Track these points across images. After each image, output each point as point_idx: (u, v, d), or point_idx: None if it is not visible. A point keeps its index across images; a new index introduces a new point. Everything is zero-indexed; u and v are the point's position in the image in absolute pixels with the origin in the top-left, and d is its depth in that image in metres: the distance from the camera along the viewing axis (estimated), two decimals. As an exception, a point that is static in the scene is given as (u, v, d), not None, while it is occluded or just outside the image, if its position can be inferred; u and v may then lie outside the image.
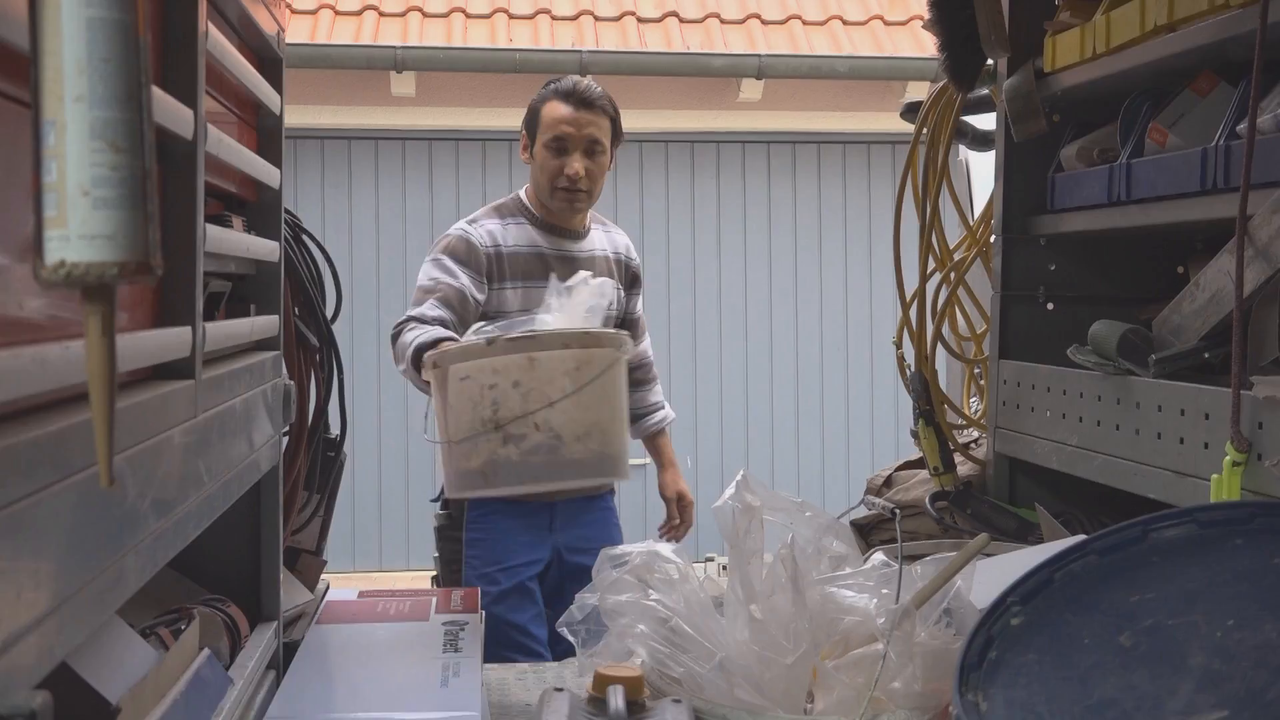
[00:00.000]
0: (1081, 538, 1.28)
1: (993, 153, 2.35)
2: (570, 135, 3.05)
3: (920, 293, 2.41)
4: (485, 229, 3.06)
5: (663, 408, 3.48)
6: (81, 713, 1.18)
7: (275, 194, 1.85)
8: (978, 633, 1.16)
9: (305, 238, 2.42)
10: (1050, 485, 2.15)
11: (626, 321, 3.30)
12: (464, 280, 2.95)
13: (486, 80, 7.74)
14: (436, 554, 3.17)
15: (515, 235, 3.08)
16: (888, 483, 2.43)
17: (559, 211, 3.10)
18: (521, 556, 3.06)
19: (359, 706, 1.68)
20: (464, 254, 2.99)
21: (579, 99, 3.07)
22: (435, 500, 3.17)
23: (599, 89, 3.13)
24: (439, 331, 2.71)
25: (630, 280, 3.32)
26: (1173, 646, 1.05)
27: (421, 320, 2.82)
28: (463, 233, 3.05)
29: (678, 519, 3.47)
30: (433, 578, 3.24)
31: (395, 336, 2.81)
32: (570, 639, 1.60)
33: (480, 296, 2.98)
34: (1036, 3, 2.17)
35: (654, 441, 3.48)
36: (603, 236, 3.27)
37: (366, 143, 8.00)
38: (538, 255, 3.07)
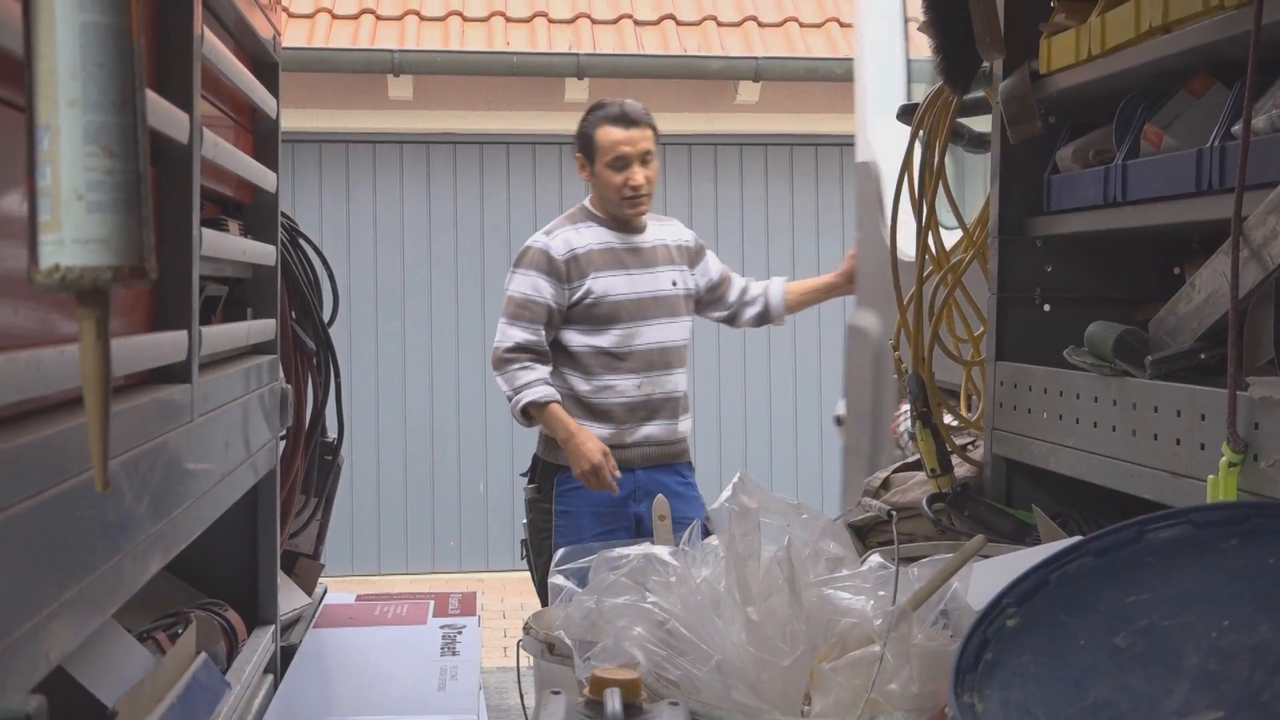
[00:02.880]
0: (1078, 539, 1.28)
1: (988, 154, 2.35)
2: (628, 153, 3.71)
3: (917, 294, 2.41)
4: (561, 238, 3.73)
5: (765, 286, 4.14)
6: (77, 717, 1.18)
7: (272, 198, 1.85)
8: (973, 634, 1.16)
9: (302, 241, 2.43)
10: (1047, 487, 2.15)
11: (716, 285, 3.99)
12: (547, 295, 3.66)
13: (484, 83, 7.74)
14: (525, 520, 3.88)
15: (589, 237, 3.74)
16: (885, 484, 2.43)
17: (627, 216, 3.76)
18: (600, 526, 3.65)
19: (357, 710, 1.68)
20: (545, 266, 3.68)
21: (628, 120, 3.74)
22: (524, 475, 3.94)
23: (640, 106, 3.79)
24: (547, 394, 3.62)
25: (694, 257, 3.96)
26: (1168, 647, 1.05)
27: (527, 353, 3.65)
28: (543, 246, 3.72)
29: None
30: (521, 541, 3.95)
31: (504, 363, 3.66)
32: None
33: (562, 302, 3.67)
34: (1032, 4, 2.17)
35: (797, 295, 4.15)
36: (659, 228, 3.90)
37: (364, 146, 8.00)
38: (609, 250, 3.74)
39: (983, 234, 2.39)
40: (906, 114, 2.49)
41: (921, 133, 2.42)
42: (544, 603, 3.32)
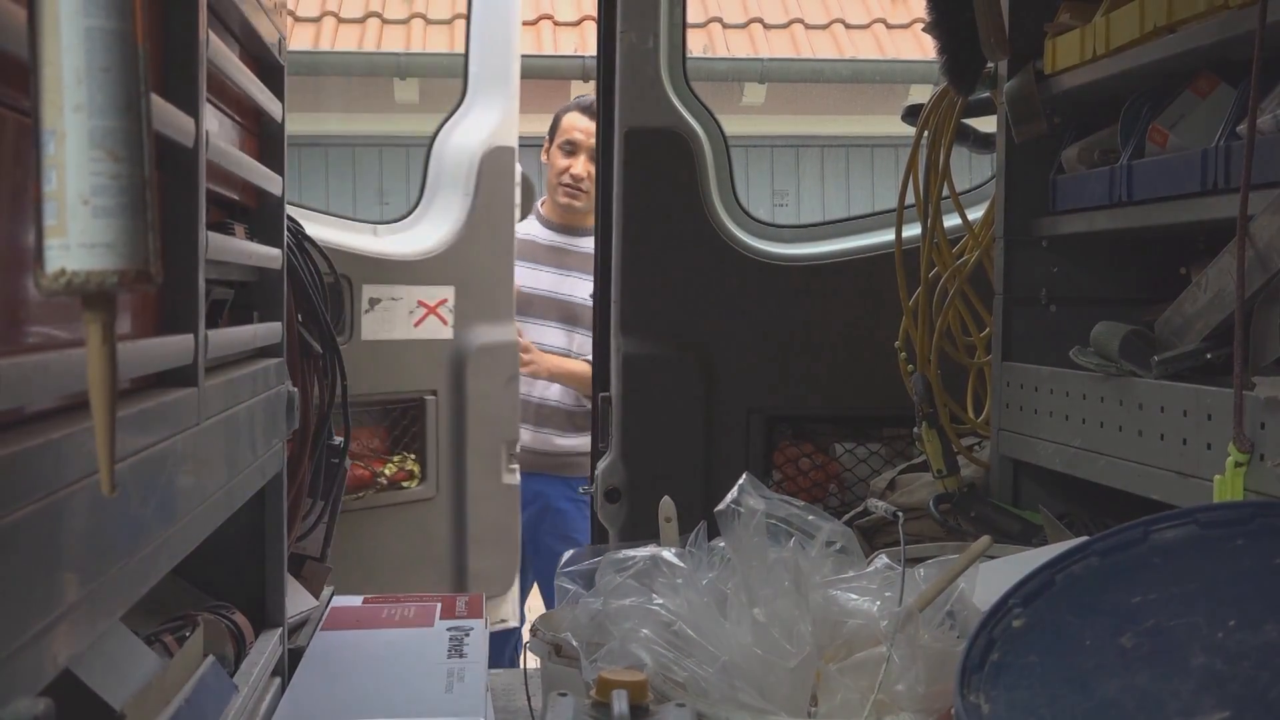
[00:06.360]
0: (1083, 539, 1.28)
1: (993, 155, 2.35)
2: (580, 141, 3.71)
3: (923, 295, 2.42)
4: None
5: None
6: None
7: (278, 201, 1.85)
8: (980, 635, 1.16)
9: (308, 245, 2.43)
10: (1053, 487, 2.15)
11: None
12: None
13: (489, 86, 7.74)
14: None
15: (526, 228, 3.80)
16: (891, 485, 2.43)
17: (562, 206, 3.72)
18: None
19: (365, 712, 1.68)
20: None
21: (594, 113, 3.55)
22: None
23: None
24: None
25: None
26: (1174, 647, 1.05)
27: None
28: None
29: None
30: None
31: None
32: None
33: None
34: (1036, 5, 2.17)
35: None
36: None
37: (370, 150, 8.00)
38: (533, 242, 3.74)
39: (987, 235, 2.39)
40: (912, 114, 2.49)
41: (926, 133, 2.43)
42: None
